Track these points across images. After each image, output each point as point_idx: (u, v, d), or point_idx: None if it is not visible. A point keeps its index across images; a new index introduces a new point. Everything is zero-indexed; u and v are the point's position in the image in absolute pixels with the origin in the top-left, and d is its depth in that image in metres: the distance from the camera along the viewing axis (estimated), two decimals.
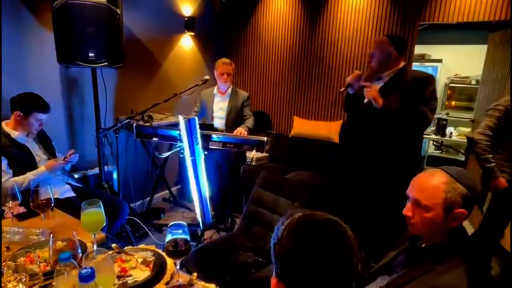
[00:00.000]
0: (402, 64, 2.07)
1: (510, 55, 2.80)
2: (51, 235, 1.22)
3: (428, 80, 2.02)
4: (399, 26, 3.26)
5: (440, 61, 5.66)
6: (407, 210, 1.05)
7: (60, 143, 2.50)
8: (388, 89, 2.02)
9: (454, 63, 5.69)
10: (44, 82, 2.51)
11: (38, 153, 2.14)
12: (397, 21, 3.26)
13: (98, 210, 1.24)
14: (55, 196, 1.89)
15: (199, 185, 2.44)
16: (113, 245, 1.29)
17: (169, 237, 1.10)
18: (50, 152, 2.22)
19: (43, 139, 2.21)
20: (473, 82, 5.34)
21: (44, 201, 1.46)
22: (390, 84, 2.03)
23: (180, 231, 1.10)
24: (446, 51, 5.67)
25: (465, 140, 4.15)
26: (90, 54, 2.27)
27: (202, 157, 2.44)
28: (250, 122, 2.99)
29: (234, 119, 2.99)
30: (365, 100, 2.06)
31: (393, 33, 3.28)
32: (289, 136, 3.94)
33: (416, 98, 1.95)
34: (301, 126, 3.87)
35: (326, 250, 0.65)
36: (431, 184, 0.99)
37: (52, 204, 1.48)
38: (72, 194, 2.20)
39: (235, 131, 2.76)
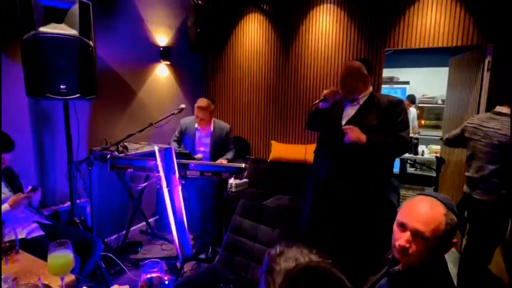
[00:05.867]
0: (370, 87, 2.12)
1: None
2: (14, 282, 1.14)
3: (402, 104, 2.05)
4: (367, 51, 3.44)
5: (407, 83, 5.97)
6: (405, 242, 0.98)
7: (29, 178, 2.38)
8: (365, 112, 2.05)
9: (421, 84, 6.02)
10: (12, 115, 2.42)
11: (4, 190, 2.02)
12: (365, 47, 3.44)
13: (66, 252, 1.17)
14: (20, 237, 1.78)
15: (177, 216, 2.37)
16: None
17: (143, 277, 1.05)
18: (17, 189, 2.10)
19: (9, 175, 2.09)
20: (439, 101, 5.65)
21: (7, 244, 1.37)
22: (366, 107, 2.06)
23: (155, 269, 1.06)
24: (412, 74, 6.00)
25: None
26: (62, 87, 2.22)
27: (180, 187, 2.39)
28: (230, 154, 3.04)
29: (217, 152, 3.04)
30: (346, 141, 1.96)
31: (361, 57, 3.44)
32: (268, 160, 3.96)
33: (393, 122, 1.98)
34: (279, 150, 3.91)
35: None
36: (434, 217, 0.97)
37: (17, 247, 1.39)
38: (41, 232, 2.07)
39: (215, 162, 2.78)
